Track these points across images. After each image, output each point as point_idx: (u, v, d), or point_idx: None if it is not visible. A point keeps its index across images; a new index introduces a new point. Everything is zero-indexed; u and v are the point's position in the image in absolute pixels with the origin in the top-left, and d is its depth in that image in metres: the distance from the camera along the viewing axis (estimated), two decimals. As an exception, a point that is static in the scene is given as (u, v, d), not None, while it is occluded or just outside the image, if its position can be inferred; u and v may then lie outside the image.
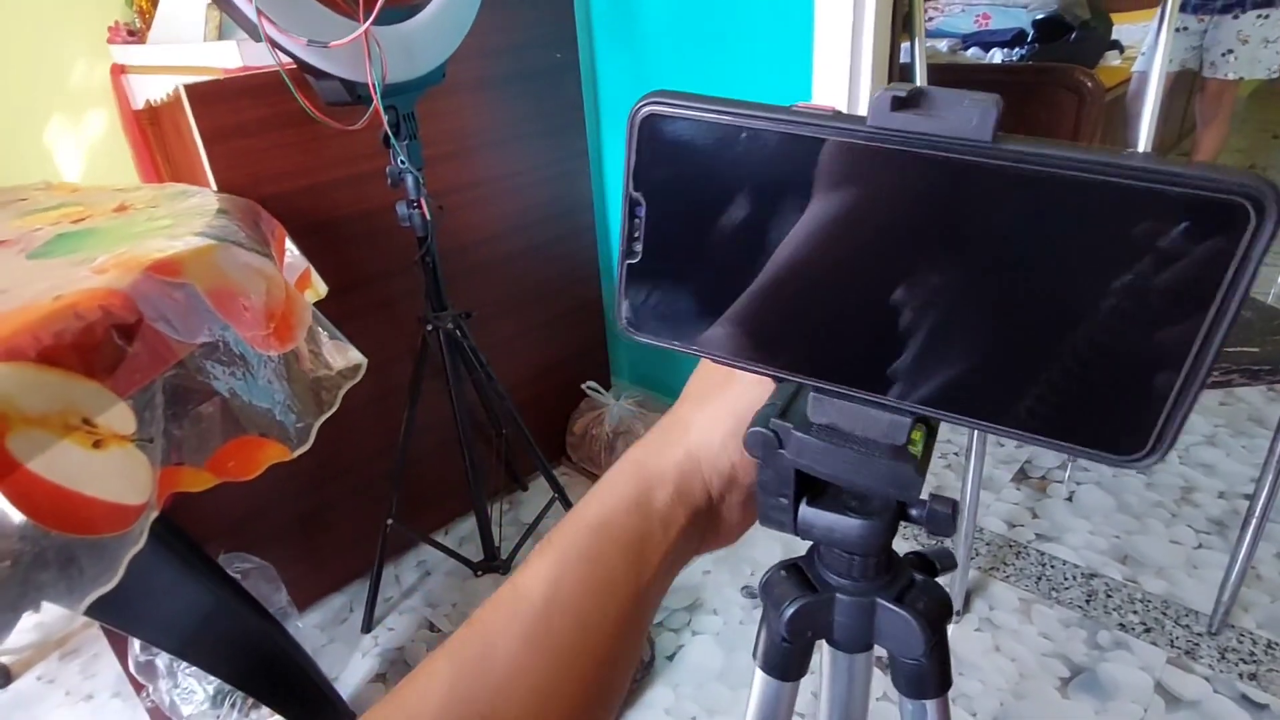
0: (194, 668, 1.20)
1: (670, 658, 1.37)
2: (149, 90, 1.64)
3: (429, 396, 1.37)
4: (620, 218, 0.29)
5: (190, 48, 1.48)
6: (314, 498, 1.47)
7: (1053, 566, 1.52)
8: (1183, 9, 2.67)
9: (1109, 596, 1.44)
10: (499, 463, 1.70)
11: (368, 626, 1.48)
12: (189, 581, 0.98)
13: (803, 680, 0.43)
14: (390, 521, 1.41)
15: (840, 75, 1.35)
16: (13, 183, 1.25)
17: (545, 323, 1.78)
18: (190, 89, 1.10)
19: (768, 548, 1.57)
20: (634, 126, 0.27)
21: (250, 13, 0.91)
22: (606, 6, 1.63)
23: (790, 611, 0.37)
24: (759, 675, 0.42)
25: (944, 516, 0.33)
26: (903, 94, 0.23)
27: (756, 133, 0.26)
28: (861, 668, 0.44)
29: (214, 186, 1.17)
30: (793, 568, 0.39)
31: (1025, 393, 0.25)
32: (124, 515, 0.55)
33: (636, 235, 0.29)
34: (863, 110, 0.25)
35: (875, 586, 0.36)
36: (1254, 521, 1.25)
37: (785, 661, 0.41)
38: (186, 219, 0.77)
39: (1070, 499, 1.71)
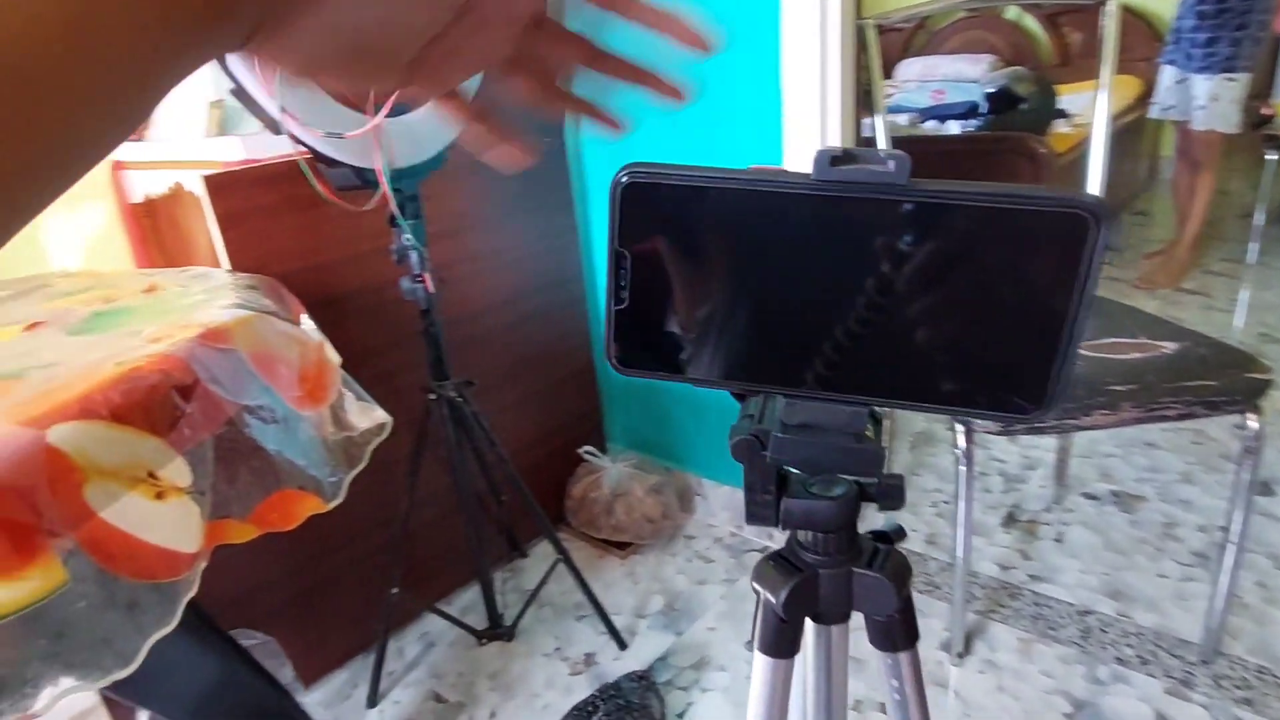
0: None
1: (680, 715, 1.37)
2: (147, 185, 1.71)
3: (427, 466, 1.40)
4: (606, 271, 0.34)
5: (191, 143, 1.56)
6: (315, 571, 1.48)
7: (1048, 606, 1.56)
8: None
9: (1104, 631, 1.48)
10: (499, 531, 1.72)
11: (373, 701, 1.46)
12: (201, 650, 0.99)
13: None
14: (395, 590, 1.41)
15: (810, 150, 1.46)
16: (11, 275, 1.31)
17: (541, 391, 1.83)
18: (209, 179, 1.18)
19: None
20: (616, 192, 0.33)
21: (274, 111, 1.00)
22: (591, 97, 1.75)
23: (785, 593, 0.42)
24: (759, 660, 0.47)
25: (895, 489, 0.39)
26: (838, 153, 0.31)
27: (721, 191, 0.32)
28: (839, 638, 0.51)
29: (227, 268, 1.23)
30: (777, 557, 0.45)
31: (953, 377, 0.33)
32: (177, 562, 0.58)
33: (623, 284, 0.34)
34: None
35: (848, 558, 0.43)
36: (1233, 551, 1.30)
37: (782, 640, 0.46)
38: (220, 294, 0.83)
39: (1059, 540, 1.75)
